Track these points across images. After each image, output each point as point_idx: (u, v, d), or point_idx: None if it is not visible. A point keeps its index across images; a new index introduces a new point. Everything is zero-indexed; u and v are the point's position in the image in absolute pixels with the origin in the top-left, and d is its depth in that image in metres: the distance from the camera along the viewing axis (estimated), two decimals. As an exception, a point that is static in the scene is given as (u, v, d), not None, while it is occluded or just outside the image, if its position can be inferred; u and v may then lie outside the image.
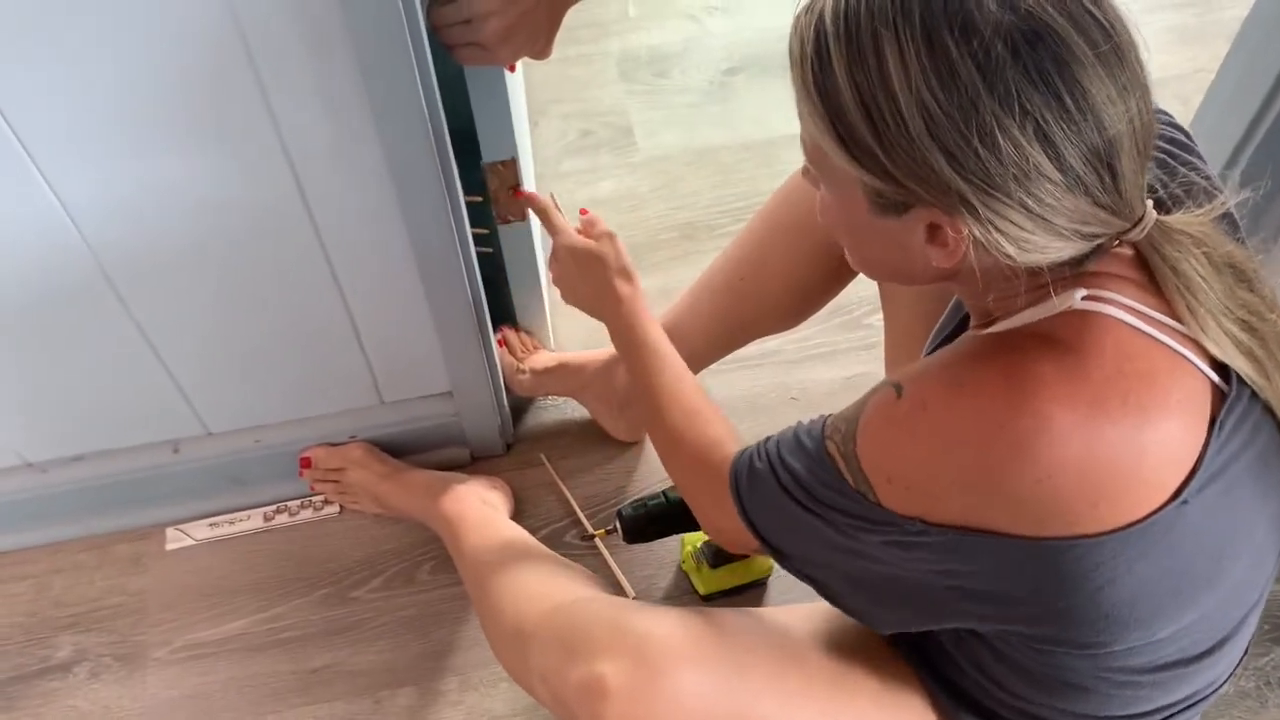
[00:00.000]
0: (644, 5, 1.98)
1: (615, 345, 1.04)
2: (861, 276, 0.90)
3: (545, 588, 0.98)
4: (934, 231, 0.67)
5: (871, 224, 0.70)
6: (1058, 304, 0.68)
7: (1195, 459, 0.68)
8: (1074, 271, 0.69)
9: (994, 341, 0.71)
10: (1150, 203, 0.68)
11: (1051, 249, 0.65)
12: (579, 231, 1.06)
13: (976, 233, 0.64)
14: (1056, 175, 0.62)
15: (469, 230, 1.08)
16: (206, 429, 1.26)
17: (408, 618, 1.25)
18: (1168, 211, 0.72)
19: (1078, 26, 0.61)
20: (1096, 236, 0.66)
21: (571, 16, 0.99)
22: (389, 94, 0.89)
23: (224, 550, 1.31)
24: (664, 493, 1.14)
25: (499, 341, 1.35)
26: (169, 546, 1.32)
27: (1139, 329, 0.68)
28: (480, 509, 1.24)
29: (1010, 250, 0.65)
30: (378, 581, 1.28)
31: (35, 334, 1.08)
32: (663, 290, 1.49)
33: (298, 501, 1.34)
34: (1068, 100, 0.61)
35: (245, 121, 0.91)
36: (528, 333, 1.41)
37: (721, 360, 1.32)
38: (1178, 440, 0.67)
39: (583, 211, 1.08)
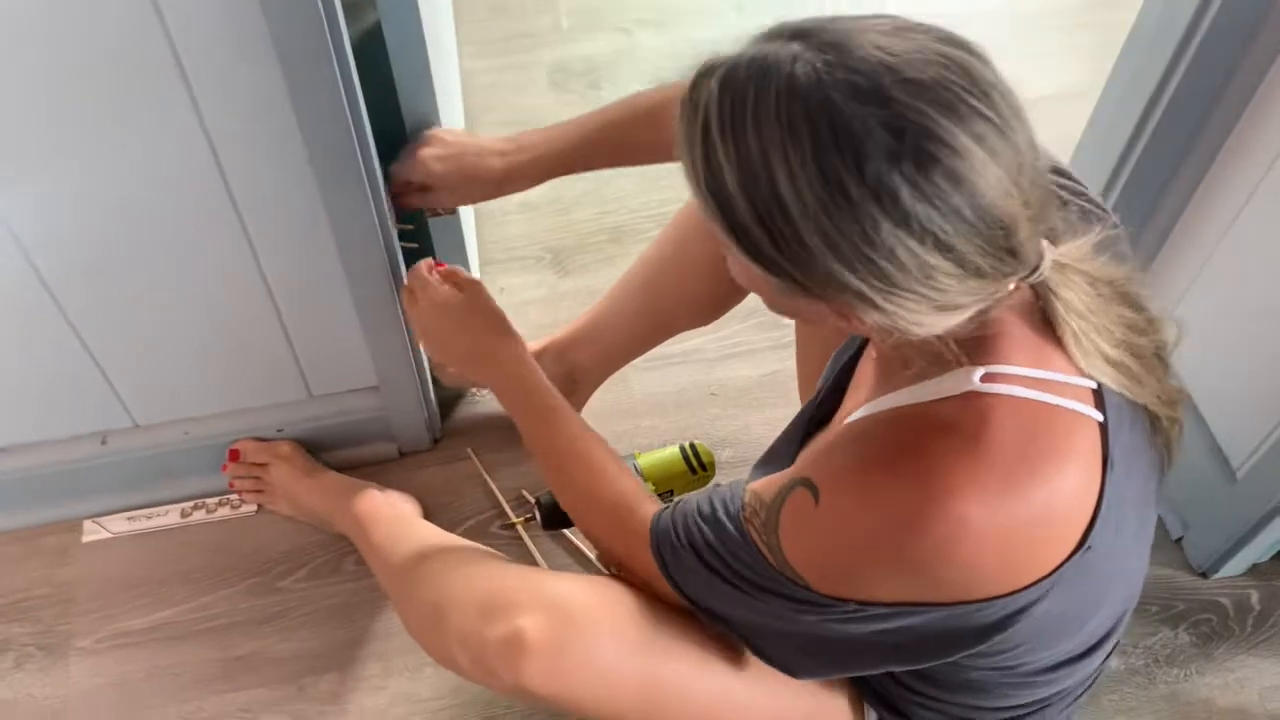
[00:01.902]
0: (576, 17, 2.04)
1: (503, 403, 1.02)
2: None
3: (461, 562, 0.99)
4: (839, 311, 0.68)
5: (779, 294, 0.71)
6: (955, 384, 0.71)
7: (1094, 503, 0.72)
8: (971, 332, 0.69)
9: (899, 436, 0.73)
10: (1045, 243, 0.68)
11: (953, 321, 0.67)
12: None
13: (878, 319, 0.66)
14: (958, 270, 0.63)
15: (392, 225, 1.12)
16: (135, 421, 1.28)
17: (332, 606, 1.28)
18: (1054, 242, 0.74)
19: (971, 134, 0.60)
20: (996, 295, 0.67)
21: (505, 27, 1.03)
22: (311, 95, 0.92)
23: (149, 543, 1.33)
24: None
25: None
26: (85, 539, 1.33)
27: (1037, 401, 0.70)
28: (391, 508, 1.26)
29: (912, 330, 0.67)
30: (303, 572, 1.31)
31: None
32: (590, 292, 1.54)
33: (215, 499, 1.36)
34: (966, 211, 0.61)
35: (172, 121, 0.94)
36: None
37: (645, 357, 1.36)
38: (1080, 491, 0.71)
39: (438, 264, 1.06)
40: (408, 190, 1.14)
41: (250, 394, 1.30)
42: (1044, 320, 0.72)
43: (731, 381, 1.50)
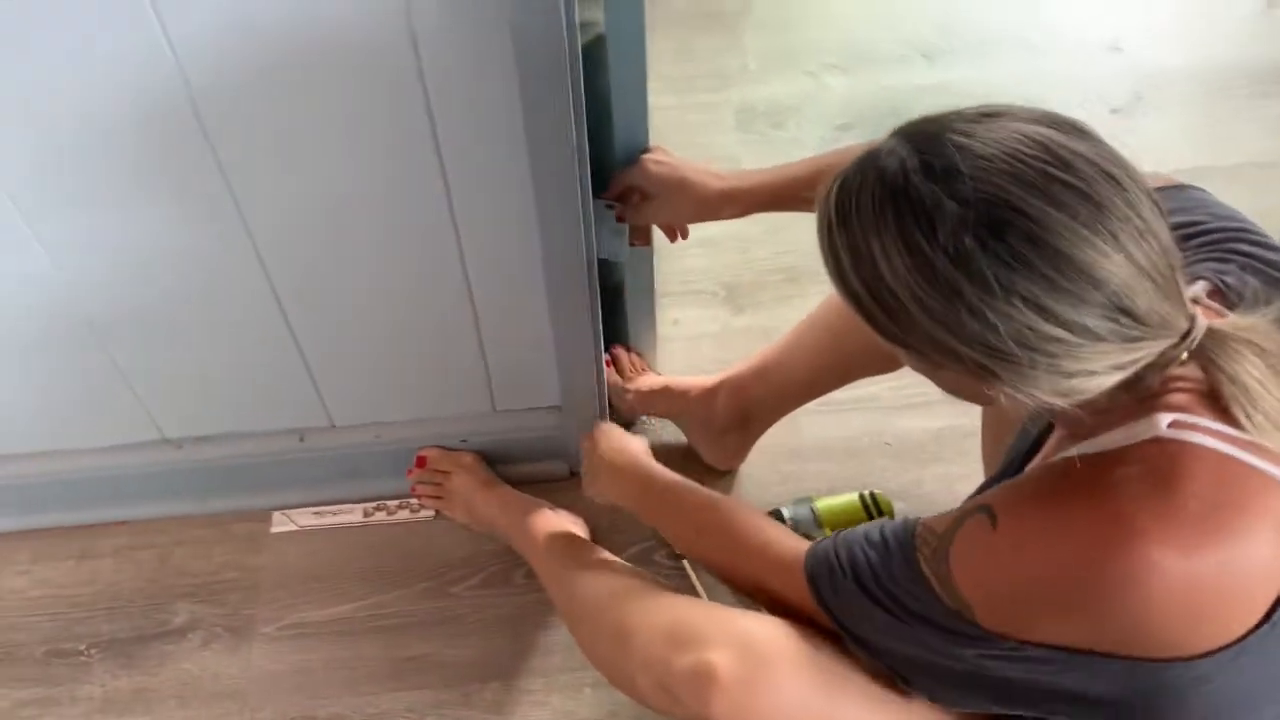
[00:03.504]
0: (764, 59, 2.06)
1: (640, 504, 1.12)
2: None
3: (643, 589, 1.01)
4: (979, 383, 0.71)
5: (921, 370, 0.75)
6: (1143, 430, 0.70)
7: None
8: (1150, 389, 0.70)
9: (1085, 475, 0.72)
10: (1198, 312, 0.69)
11: (1091, 386, 0.68)
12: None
13: (1007, 389, 0.69)
14: (1063, 334, 0.65)
15: (596, 253, 1.15)
16: (332, 422, 1.34)
17: (501, 616, 1.31)
18: (1229, 309, 0.73)
19: (1048, 199, 0.64)
20: (1138, 363, 0.67)
21: (694, 67, 1.07)
22: (543, 113, 0.95)
23: (332, 538, 1.39)
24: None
25: (608, 361, 1.42)
26: (274, 529, 1.40)
27: (1227, 454, 0.69)
28: (564, 528, 1.29)
29: (1047, 398, 0.68)
30: (476, 580, 1.34)
31: (191, 317, 1.17)
32: (764, 330, 1.55)
33: (396, 502, 1.41)
34: (1051, 274, 0.64)
35: (404, 128, 0.98)
36: (638, 354, 1.47)
37: (818, 402, 1.36)
38: (1270, 559, 0.69)
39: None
40: (628, 196, 1.19)
41: (440, 404, 1.35)
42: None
43: (907, 433, 1.48)
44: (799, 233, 1.81)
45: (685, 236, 1.28)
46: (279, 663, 1.29)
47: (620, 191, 1.19)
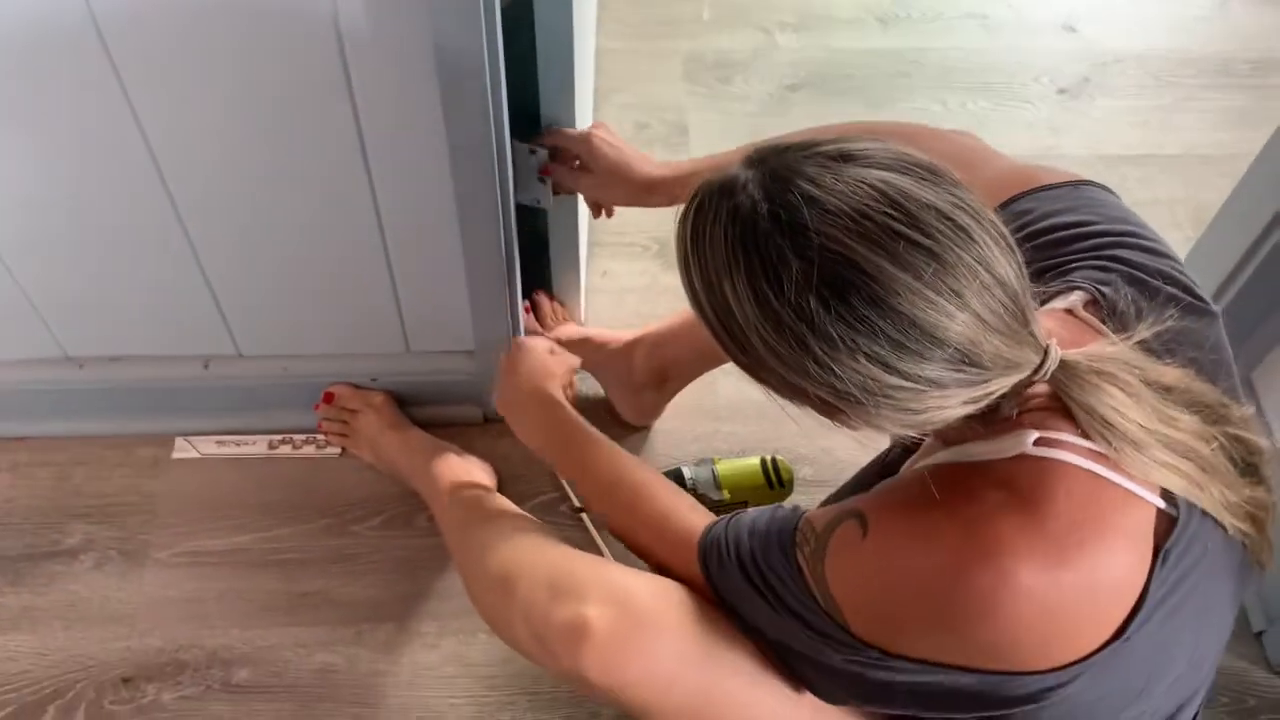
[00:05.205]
0: (718, 9, 2.03)
1: (541, 439, 1.09)
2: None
3: (533, 539, 1.00)
4: (826, 415, 0.72)
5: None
6: (1010, 446, 0.71)
7: (1140, 591, 0.71)
8: (1007, 415, 0.71)
9: (952, 487, 0.72)
10: (1052, 343, 0.69)
11: (941, 419, 0.69)
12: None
13: (855, 423, 0.70)
14: (908, 384, 0.66)
15: (512, 195, 1.13)
16: (238, 350, 1.32)
17: (399, 558, 1.30)
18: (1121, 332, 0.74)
19: (893, 258, 0.63)
20: (989, 397, 0.68)
21: (645, 11, 1.04)
22: (457, 56, 0.93)
23: (233, 468, 1.37)
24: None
25: (527, 307, 1.40)
26: (175, 455, 1.38)
27: (1089, 470, 0.70)
28: (468, 474, 1.28)
29: (895, 429, 0.69)
30: (377, 520, 1.34)
31: (90, 236, 1.14)
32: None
33: (302, 437, 1.39)
34: (895, 335, 0.64)
35: (314, 55, 0.95)
36: (560, 303, 1.46)
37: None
38: (1125, 575, 0.70)
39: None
40: (564, 158, 1.18)
41: (351, 340, 1.33)
42: None
43: (821, 399, 1.48)
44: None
45: (610, 215, 1.27)
46: (171, 589, 1.27)
47: (553, 147, 1.17)
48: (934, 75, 1.93)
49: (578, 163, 1.18)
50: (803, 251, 0.65)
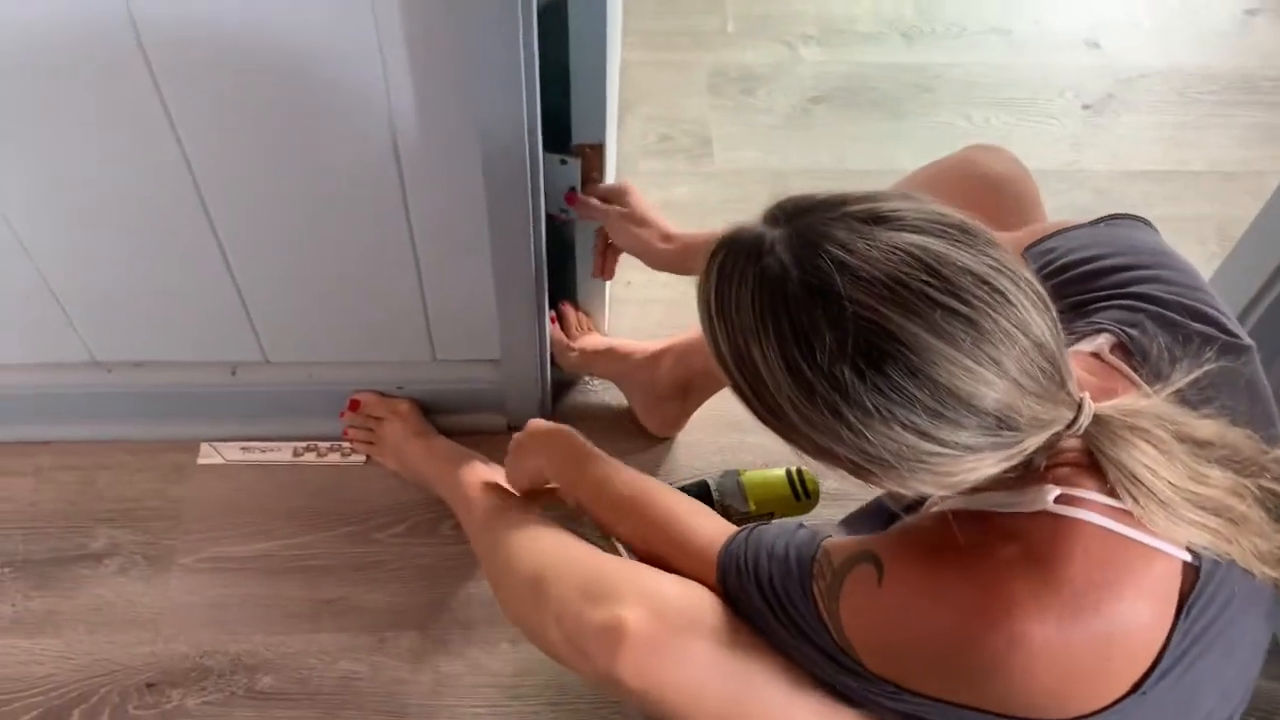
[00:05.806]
0: (742, 23, 2.03)
1: (559, 471, 1.07)
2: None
3: (561, 541, 0.99)
4: (856, 476, 0.71)
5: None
6: (1030, 500, 0.70)
7: (1160, 646, 0.70)
8: (1036, 467, 0.70)
9: (970, 538, 0.71)
10: (1086, 396, 0.68)
11: (974, 479, 0.68)
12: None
13: (887, 484, 0.69)
14: (940, 449, 0.65)
15: (543, 207, 1.13)
16: (266, 357, 1.32)
17: (423, 566, 1.30)
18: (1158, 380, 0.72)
19: (929, 327, 0.62)
20: (1023, 453, 0.67)
21: (673, 23, 1.04)
22: (492, 67, 0.93)
23: (258, 475, 1.37)
24: (685, 485, 1.18)
25: (553, 317, 1.40)
26: (200, 461, 1.38)
27: (1111, 529, 0.69)
28: (497, 482, 1.27)
29: (927, 491, 0.68)
30: (401, 528, 1.33)
31: (124, 242, 1.14)
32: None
33: (327, 444, 1.40)
34: (932, 405, 0.63)
35: (352, 65, 0.96)
36: (585, 314, 1.46)
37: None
38: (1145, 630, 0.70)
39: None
40: (601, 197, 1.23)
41: (378, 348, 1.33)
42: None
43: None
44: (758, 207, 1.81)
45: (610, 277, 1.34)
46: (195, 594, 1.27)
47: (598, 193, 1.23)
48: (957, 90, 1.93)
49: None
50: (836, 320, 0.63)
